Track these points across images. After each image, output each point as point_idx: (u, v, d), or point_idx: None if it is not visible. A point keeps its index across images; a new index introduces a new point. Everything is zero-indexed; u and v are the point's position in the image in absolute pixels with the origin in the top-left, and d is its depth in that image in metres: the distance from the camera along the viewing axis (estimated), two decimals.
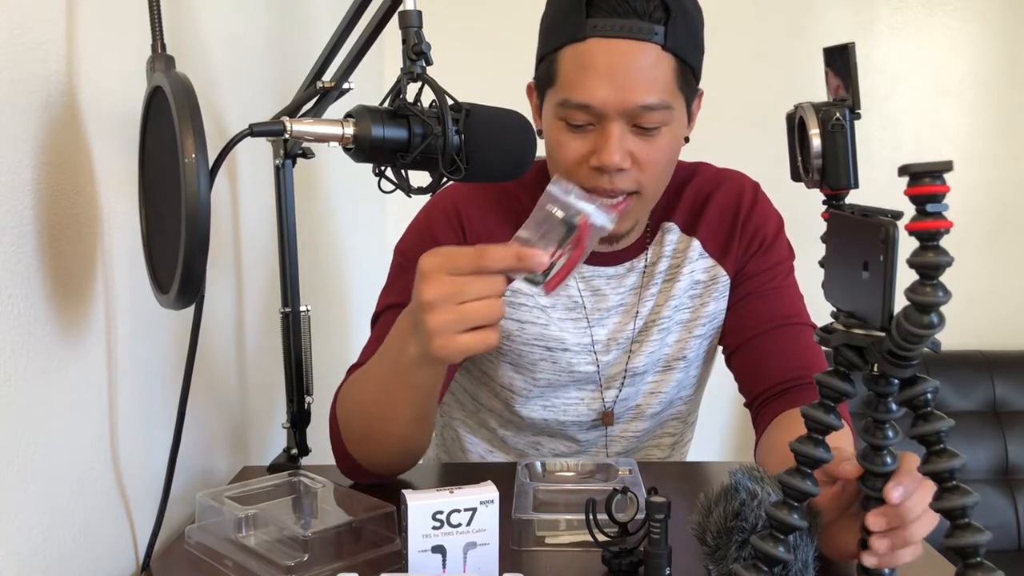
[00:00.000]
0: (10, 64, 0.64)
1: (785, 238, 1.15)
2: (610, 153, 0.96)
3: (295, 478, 0.93)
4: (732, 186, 1.14)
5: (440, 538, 0.74)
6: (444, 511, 0.73)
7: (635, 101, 0.95)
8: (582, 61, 0.95)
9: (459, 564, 0.74)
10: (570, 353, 1.11)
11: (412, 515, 0.73)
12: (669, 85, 0.97)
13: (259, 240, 1.24)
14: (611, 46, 0.94)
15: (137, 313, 0.84)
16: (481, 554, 0.75)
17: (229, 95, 1.13)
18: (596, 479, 0.98)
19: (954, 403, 2.22)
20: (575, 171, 0.99)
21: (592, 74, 0.95)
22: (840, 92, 0.58)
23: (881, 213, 0.53)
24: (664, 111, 0.97)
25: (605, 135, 0.96)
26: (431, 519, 0.73)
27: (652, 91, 0.95)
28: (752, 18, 2.29)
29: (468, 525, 0.74)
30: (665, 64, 0.96)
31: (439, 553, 0.74)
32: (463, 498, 0.74)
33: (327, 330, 1.64)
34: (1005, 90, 2.33)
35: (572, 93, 0.96)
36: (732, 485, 0.73)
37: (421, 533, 0.73)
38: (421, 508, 0.73)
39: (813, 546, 0.69)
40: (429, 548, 0.73)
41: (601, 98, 0.95)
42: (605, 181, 0.98)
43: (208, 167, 0.63)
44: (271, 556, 0.78)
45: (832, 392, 0.58)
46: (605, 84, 0.94)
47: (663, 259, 1.12)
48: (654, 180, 1.01)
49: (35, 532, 0.67)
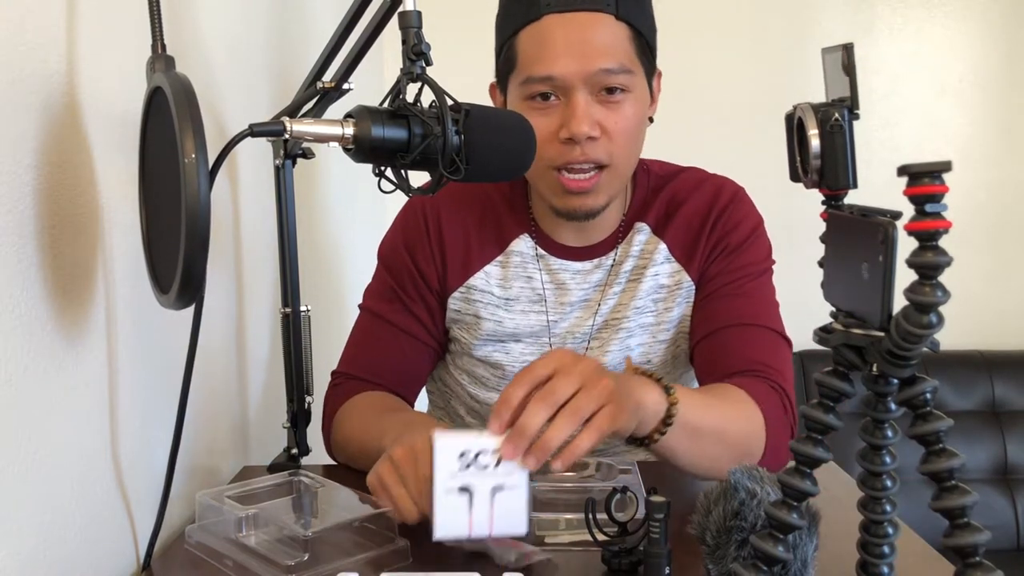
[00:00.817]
0: (10, 64, 0.64)
1: (761, 243, 1.13)
2: (578, 121, 0.98)
3: (295, 478, 0.93)
4: (708, 191, 1.13)
5: (467, 478, 0.73)
6: (471, 451, 0.73)
7: (596, 65, 0.98)
8: (540, 37, 0.99)
9: (486, 506, 0.73)
10: (522, 344, 1.12)
11: (438, 453, 0.72)
12: (627, 51, 1.00)
13: (259, 240, 1.24)
14: (566, 19, 0.98)
15: (137, 313, 0.84)
16: (508, 498, 0.74)
17: (229, 95, 1.13)
18: (596, 479, 0.98)
19: (953, 403, 2.23)
20: (546, 149, 1.00)
21: (551, 47, 0.98)
22: (838, 92, 0.58)
23: (880, 213, 0.53)
24: (625, 75, 1.00)
25: (571, 106, 0.99)
26: (458, 459, 0.72)
27: (611, 56, 0.99)
28: (751, 18, 2.29)
29: (496, 466, 0.73)
30: (621, 32, 1.00)
31: (466, 493, 0.73)
32: (491, 440, 0.73)
33: (327, 330, 1.64)
34: (1004, 90, 2.33)
35: (534, 68, 0.99)
36: (731, 484, 0.73)
37: (448, 472, 0.72)
38: (448, 447, 0.72)
39: (813, 545, 0.69)
40: (456, 488, 0.73)
41: (562, 67, 0.98)
42: (577, 153, 1.00)
43: (208, 167, 0.63)
44: (271, 556, 0.78)
45: (832, 392, 0.58)
46: (564, 54, 0.97)
47: (630, 258, 1.12)
48: (622, 150, 1.03)
49: (35, 532, 0.67)
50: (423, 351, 1.14)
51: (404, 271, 1.13)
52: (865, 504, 0.60)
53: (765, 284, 1.12)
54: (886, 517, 0.59)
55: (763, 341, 1.06)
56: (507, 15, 1.03)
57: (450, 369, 1.19)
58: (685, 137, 1.87)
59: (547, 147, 1.00)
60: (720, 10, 2.25)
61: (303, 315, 1.11)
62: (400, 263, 1.14)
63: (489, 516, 0.74)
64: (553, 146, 1.00)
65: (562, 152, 1.00)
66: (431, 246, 1.13)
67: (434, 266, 1.13)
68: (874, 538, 0.59)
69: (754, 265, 1.11)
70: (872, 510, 0.59)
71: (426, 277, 1.13)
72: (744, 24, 2.28)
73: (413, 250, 1.13)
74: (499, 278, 1.12)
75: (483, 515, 0.74)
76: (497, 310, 1.12)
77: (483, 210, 1.14)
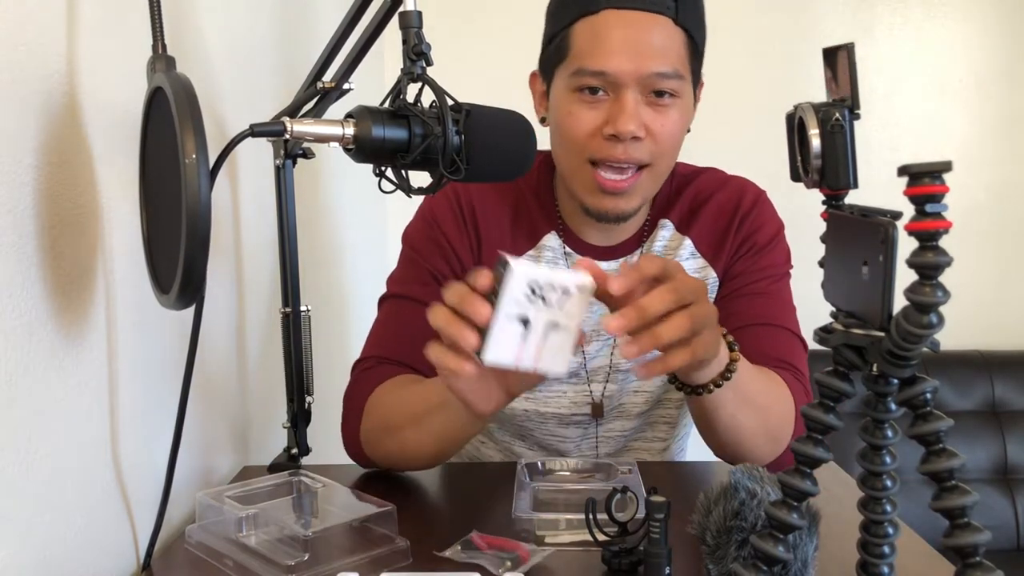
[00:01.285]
0: (10, 64, 0.64)
1: (783, 246, 1.14)
2: (625, 120, 0.97)
3: (295, 478, 0.93)
4: (733, 190, 1.14)
5: (529, 309, 0.72)
6: (541, 283, 0.72)
7: (650, 68, 0.97)
8: (597, 31, 0.98)
9: (539, 340, 0.73)
10: None
11: (512, 279, 0.71)
12: (681, 57, 1.00)
13: (259, 240, 1.24)
14: (625, 17, 0.97)
15: (137, 313, 0.85)
16: (560, 337, 0.74)
17: (230, 95, 1.13)
18: (596, 479, 0.98)
19: (953, 403, 2.23)
20: (588, 143, 1.00)
21: (607, 42, 0.97)
22: (839, 92, 0.58)
23: (880, 213, 0.53)
24: (677, 80, 0.99)
25: (620, 103, 0.98)
26: (527, 287, 0.72)
27: (666, 59, 0.98)
28: (752, 18, 2.29)
29: (558, 304, 0.73)
30: (677, 37, 0.99)
31: (523, 324, 0.73)
32: (562, 276, 0.73)
33: (327, 330, 1.64)
34: (1005, 90, 2.33)
35: (587, 61, 0.98)
36: (732, 484, 0.73)
37: (514, 299, 0.71)
38: (522, 275, 0.71)
39: (813, 545, 0.69)
40: (516, 316, 0.72)
41: (616, 65, 0.97)
42: (619, 151, 0.99)
43: (209, 167, 0.63)
44: (272, 556, 0.78)
45: (832, 392, 0.58)
46: (620, 52, 0.97)
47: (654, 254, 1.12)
48: (664, 154, 1.03)
49: (35, 532, 0.67)
50: None
51: (437, 252, 1.11)
52: (865, 504, 0.60)
53: (785, 288, 1.13)
54: (886, 517, 0.59)
55: (784, 340, 1.07)
56: (563, 4, 1.02)
57: None
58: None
59: (589, 141, 1.00)
60: (720, 10, 2.24)
61: (303, 315, 1.11)
62: (434, 246, 1.12)
63: (538, 351, 0.74)
64: (595, 140, 1.00)
65: (603, 147, 1.00)
66: (467, 231, 1.12)
67: (470, 251, 1.12)
68: (874, 538, 0.59)
69: (776, 267, 1.12)
70: (872, 510, 0.59)
71: (462, 260, 1.11)
72: (744, 24, 2.28)
73: (448, 234, 1.12)
74: None
75: (533, 348, 0.73)
76: None
77: (516, 202, 1.14)
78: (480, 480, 1.10)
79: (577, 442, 1.17)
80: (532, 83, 1.11)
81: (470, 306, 0.73)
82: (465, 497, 1.03)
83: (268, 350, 1.26)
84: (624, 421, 1.16)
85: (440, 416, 0.93)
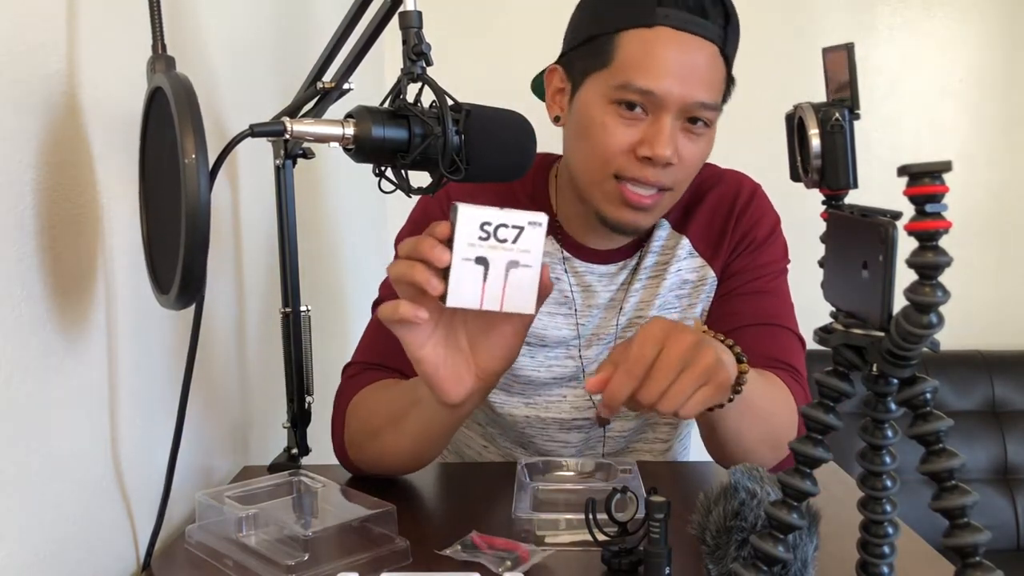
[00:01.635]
0: (10, 64, 0.64)
1: (780, 241, 1.14)
2: (663, 145, 0.96)
3: (295, 478, 0.93)
4: (728, 186, 1.14)
5: (485, 250, 0.73)
6: (492, 223, 0.73)
7: (696, 97, 0.96)
8: (651, 48, 0.95)
9: (500, 280, 0.74)
10: (548, 348, 1.11)
11: (461, 221, 0.72)
12: (721, 88, 1.00)
13: (259, 240, 1.24)
14: (680, 39, 0.95)
15: (137, 313, 0.85)
16: (521, 275, 0.75)
17: (229, 95, 1.13)
18: (596, 479, 0.98)
19: (953, 403, 2.23)
20: (617, 158, 0.99)
21: (660, 62, 0.95)
22: (839, 92, 0.58)
23: (880, 213, 0.53)
24: (714, 112, 0.99)
25: (659, 126, 0.96)
26: (479, 229, 0.73)
27: (711, 90, 0.97)
28: (751, 18, 2.29)
29: (514, 243, 0.74)
30: (720, 66, 0.98)
31: (482, 265, 0.73)
32: (512, 214, 0.74)
33: (327, 330, 1.64)
34: (1005, 90, 2.33)
35: (636, 76, 0.95)
36: (732, 484, 0.73)
37: (467, 241, 0.73)
38: (471, 216, 0.73)
39: (813, 545, 0.70)
40: (473, 258, 0.73)
41: (666, 88, 0.95)
42: (650, 173, 0.98)
43: (208, 167, 0.63)
44: (272, 556, 0.78)
45: (832, 392, 0.58)
46: (672, 75, 0.95)
47: (650, 255, 1.12)
48: (686, 180, 1.03)
49: (35, 532, 0.67)
50: None
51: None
52: (865, 504, 0.60)
53: (783, 284, 1.13)
54: (886, 517, 0.59)
55: (784, 341, 1.07)
56: (612, 7, 0.99)
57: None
58: None
59: (619, 157, 0.98)
60: None
61: (303, 315, 1.11)
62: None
63: (502, 290, 0.75)
64: (626, 157, 0.98)
65: (632, 166, 0.98)
66: None
67: None
68: (874, 538, 0.59)
69: (774, 264, 1.12)
70: (872, 510, 0.59)
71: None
72: (744, 24, 2.28)
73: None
74: None
75: (496, 289, 0.74)
76: None
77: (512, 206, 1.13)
78: (480, 480, 1.10)
79: (579, 447, 1.17)
80: (550, 78, 1.07)
81: (430, 251, 0.74)
82: (465, 497, 1.03)
83: (268, 350, 1.26)
84: (623, 422, 1.16)
85: (414, 414, 0.92)
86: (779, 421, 0.98)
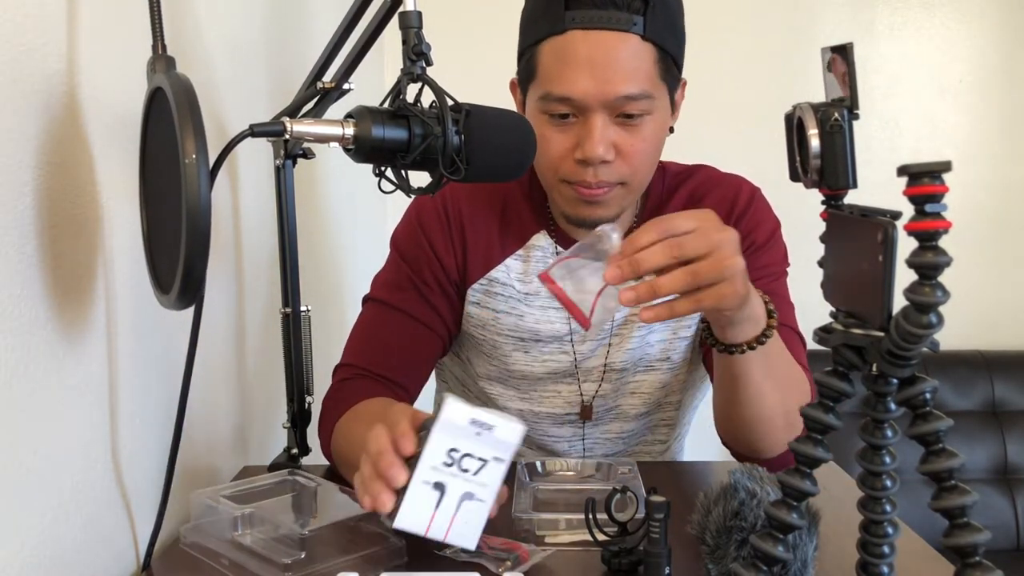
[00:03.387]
0: (10, 64, 0.64)
1: (780, 244, 1.14)
2: (593, 145, 0.96)
3: (292, 477, 0.93)
4: (728, 189, 1.13)
5: (445, 476, 0.73)
6: (460, 451, 0.72)
7: (616, 92, 0.95)
8: (562, 54, 0.96)
9: (451, 509, 0.73)
10: (542, 343, 1.11)
11: (432, 444, 0.71)
12: (650, 75, 0.97)
13: (259, 240, 1.25)
14: (591, 37, 0.95)
15: (137, 313, 0.85)
16: (473, 509, 0.74)
17: (229, 96, 1.13)
18: (596, 479, 0.98)
19: (953, 403, 2.23)
20: (560, 165, 1.00)
21: (572, 66, 0.95)
22: (838, 92, 0.58)
23: (880, 213, 0.53)
24: (646, 100, 0.97)
25: (588, 127, 0.97)
26: (446, 454, 0.72)
27: (633, 81, 0.96)
28: (751, 18, 2.29)
29: (474, 475, 0.73)
30: (645, 54, 0.96)
31: (438, 491, 0.73)
32: (483, 447, 0.73)
33: (327, 330, 1.64)
34: (1004, 90, 2.33)
35: (553, 86, 0.97)
36: (731, 484, 0.73)
37: (431, 465, 0.72)
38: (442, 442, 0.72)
39: (813, 545, 0.70)
40: (432, 482, 0.72)
41: (582, 90, 0.95)
42: (589, 175, 0.99)
43: (208, 167, 0.63)
44: (268, 554, 0.78)
45: (832, 392, 0.58)
46: (586, 76, 0.95)
47: None
48: (638, 170, 1.02)
49: (35, 532, 0.67)
50: (435, 342, 1.13)
51: (423, 259, 1.12)
52: (865, 504, 0.60)
53: (783, 286, 1.13)
54: (886, 517, 0.59)
55: (788, 340, 1.06)
56: (531, 20, 1.01)
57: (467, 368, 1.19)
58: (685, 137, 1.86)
59: (562, 163, 1.00)
60: (720, 10, 2.25)
61: (303, 315, 1.11)
62: (418, 251, 1.12)
63: (450, 521, 0.74)
64: (567, 163, 0.99)
65: (576, 171, 0.99)
66: (452, 237, 1.12)
67: (454, 256, 1.12)
68: (874, 538, 0.59)
69: (775, 265, 1.12)
70: (872, 510, 0.59)
71: (446, 267, 1.12)
72: (744, 24, 2.28)
73: (432, 239, 1.12)
74: (520, 272, 1.12)
75: (445, 518, 0.74)
76: (518, 304, 1.11)
77: (504, 204, 1.13)
78: None
79: (571, 442, 1.17)
80: (512, 91, 1.10)
81: (387, 469, 0.73)
82: None
83: (268, 350, 1.26)
84: (622, 423, 1.16)
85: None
86: (796, 394, 0.97)
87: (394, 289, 1.12)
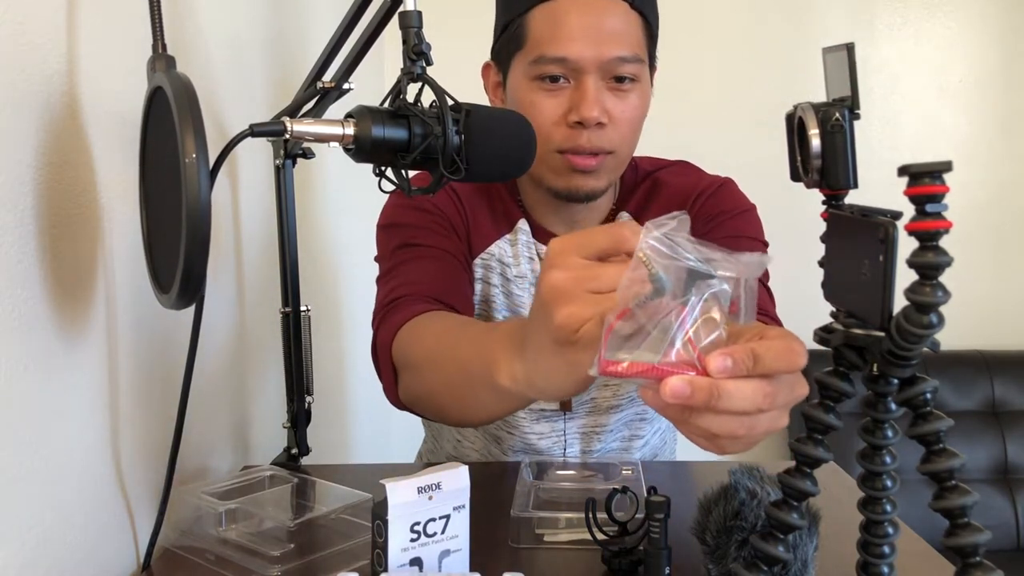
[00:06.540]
0: (10, 64, 0.64)
1: (754, 220, 1.12)
2: (589, 106, 0.98)
3: (274, 472, 0.93)
4: (695, 177, 1.14)
5: (417, 550, 0.72)
6: (421, 521, 0.72)
7: (610, 53, 0.98)
8: (555, 18, 0.98)
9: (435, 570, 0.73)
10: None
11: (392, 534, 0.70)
12: (640, 41, 1.01)
13: (259, 240, 1.24)
14: (582, 3, 0.98)
15: (137, 313, 0.85)
16: (454, 561, 0.74)
17: (229, 95, 1.13)
18: (596, 479, 0.98)
19: (953, 403, 2.23)
20: (553, 132, 1.01)
21: (567, 29, 0.98)
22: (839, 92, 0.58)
23: (880, 213, 0.53)
24: (637, 64, 1.00)
25: (582, 89, 0.99)
26: (409, 532, 0.72)
27: (625, 44, 0.99)
28: (751, 18, 2.29)
29: (443, 533, 0.73)
30: (634, 21, 1.00)
31: (416, 565, 0.72)
32: (437, 507, 0.72)
33: (327, 330, 1.64)
34: (1004, 90, 2.33)
35: (547, 48, 0.98)
36: (732, 484, 0.73)
37: (400, 547, 0.71)
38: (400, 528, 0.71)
39: (813, 545, 0.69)
40: (407, 562, 0.72)
41: (577, 51, 0.97)
42: (583, 139, 1.00)
43: (208, 167, 0.63)
44: (257, 548, 0.79)
45: (832, 392, 0.58)
46: (580, 38, 0.97)
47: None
48: (626, 139, 1.03)
49: (35, 532, 0.67)
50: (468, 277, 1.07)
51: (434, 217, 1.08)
52: (865, 504, 0.60)
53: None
54: (886, 517, 0.59)
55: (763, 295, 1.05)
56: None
57: None
58: (685, 137, 1.87)
59: (554, 130, 1.00)
60: (720, 10, 2.25)
61: (303, 315, 1.11)
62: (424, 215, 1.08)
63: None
64: (560, 129, 1.00)
65: (569, 136, 1.00)
66: (457, 207, 1.11)
67: (463, 222, 1.11)
68: (874, 538, 0.59)
69: (750, 230, 1.10)
70: (872, 510, 0.59)
71: (455, 226, 1.10)
72: (744, 24, 2.28)
73: (439, 205, 1.09)
74: (511, 255, 1.13)
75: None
76: (509, 283, 1.12)
77: (489, 193, 1.15)
78: (480, 479, 1.10)
79: (551, 438, 1.16)
80: (485, 74, 1.10)
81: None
82: None
83: (268, 350, 1.26)
84: (596, 416, 1.15)
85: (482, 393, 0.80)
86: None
87: (406, 246, 1.07)
